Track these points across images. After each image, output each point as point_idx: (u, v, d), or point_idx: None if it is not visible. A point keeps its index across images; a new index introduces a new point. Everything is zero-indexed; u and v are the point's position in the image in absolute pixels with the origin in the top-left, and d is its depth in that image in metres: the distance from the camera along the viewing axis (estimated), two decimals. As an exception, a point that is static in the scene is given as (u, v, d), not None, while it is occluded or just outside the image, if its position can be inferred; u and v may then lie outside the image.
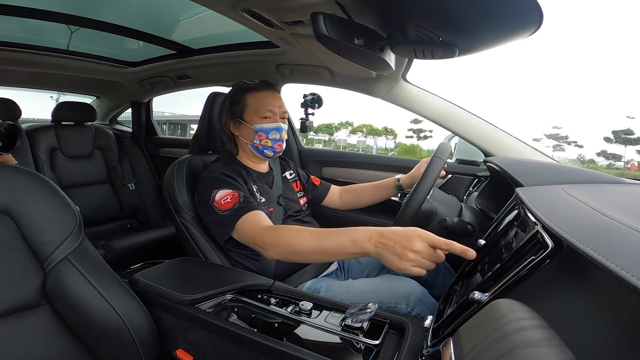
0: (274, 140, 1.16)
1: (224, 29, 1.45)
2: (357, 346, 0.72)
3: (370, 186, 1.40)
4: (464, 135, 1.39)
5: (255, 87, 1.20)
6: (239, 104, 1.18)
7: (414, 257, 0.67)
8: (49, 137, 2.07)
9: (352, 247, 0.76)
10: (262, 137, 1.16)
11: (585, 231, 0.42)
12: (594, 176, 0.90)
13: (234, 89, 1.22)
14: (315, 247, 0.82)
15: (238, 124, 1.19)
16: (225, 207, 1.02)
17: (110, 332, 0.76)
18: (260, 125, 1.15)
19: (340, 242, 0.78)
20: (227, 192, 1.04)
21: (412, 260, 0.67)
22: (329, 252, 0.81)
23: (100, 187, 2.26)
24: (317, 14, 0.75)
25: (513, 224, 0.67)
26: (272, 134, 1.16)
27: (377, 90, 1.48)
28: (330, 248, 0.80)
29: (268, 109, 1.16)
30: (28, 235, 0.74)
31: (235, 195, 1.03)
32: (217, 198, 1.03)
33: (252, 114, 1.16)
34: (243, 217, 0.99)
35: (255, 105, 1.17)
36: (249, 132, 1.17)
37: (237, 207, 1.01)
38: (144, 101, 2.55)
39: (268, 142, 1.16)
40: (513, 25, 0.68)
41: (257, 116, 1.16)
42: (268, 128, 1.16)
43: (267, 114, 1.16)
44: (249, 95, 1.18)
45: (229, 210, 1.01)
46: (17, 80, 2.22)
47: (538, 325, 0.36)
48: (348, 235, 0.77)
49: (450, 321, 0.60)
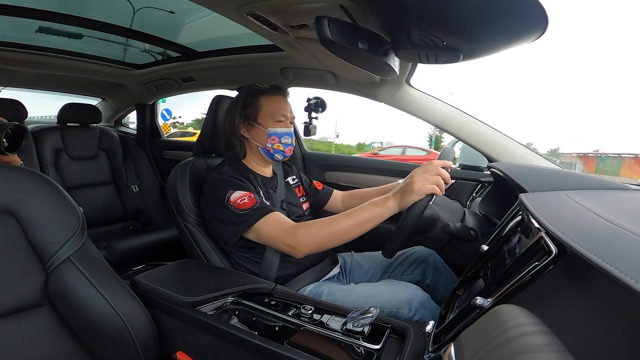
0: (286, 145, 1.17)
1: (229, 32, 1.46)
2: (358, 350, 0.71)
3: (372, 191, 1.40)
4: (468, 141, 1.39)
5: (269, 91, 1.21)
6: (252, 107, 1.18)
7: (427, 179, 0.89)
8: (54, 138, 2.09)
9: (381, 211, 0.96)
10: (274, 140, 1.16)
11: (589, 237, 0.42)
12: (598, 182, 0.89)
13: (246, 92, 1.22)
14: (350, 223, 0.96)
15: (250, 126, 1.19)
16: (244, 206, 1.02)
17: (110, 333, 0.76)
18: (274, 129, 1.16)
19: (370, 211, 0.96)
20: (243, 193, 1.04)
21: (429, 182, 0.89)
22: (363, 222, 0.96)
23: (104, 189, 2.27)
24: (321, 18, 0.75)
25: (516, 230, 0.67)
26: (285, 138, 1.17)
27: (380, 94, 1.48)
28: (363, 219, 0.96)
29: (282, 113, 1.17)
30: (31, 236, 0.74)
31: (252, 197, 1.04)
32: (234, 198, 1.03)
33: (267, 117, 1.17)
34: (264, 218, 1.00)
35: (269, 108, 1.17)
36: (261, 135, 1.17)
37: (257, 208, 1.02)
38: (148, 103, 2.57)
39: (280, 147, 1.17)
40: (518, 29, 0.68)
41: (271, 120, 1.16)
42: (282, 132, 1.16)
43: (281, 118, 1.17)
44: (263, 99, 1.18)
45: (248, 209, 1.01)
46: (23, 82, 2.24)
47: (541, 330, 0.36)
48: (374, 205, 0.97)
49: (452, 326, 0.60)
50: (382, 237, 1.55)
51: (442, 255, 1.23)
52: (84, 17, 1.46)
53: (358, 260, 1.32)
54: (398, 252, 1.24)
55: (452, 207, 1.15)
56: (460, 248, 1.08)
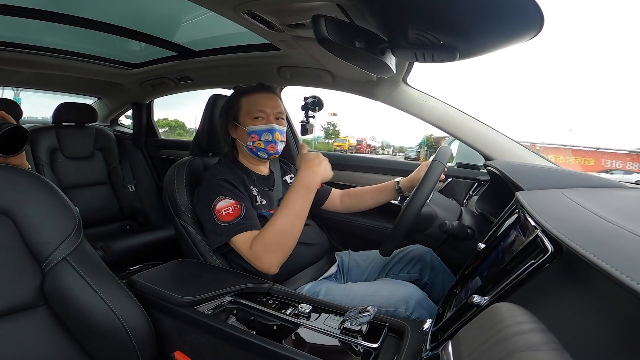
0: (267, 142, 1.16)
1: (225, 31, 1.46)
2: (356, 349, 0.71)
3: (370, 189, 1.40)
4: (464, 139, 1.39)
5: (250, 90, 1.21)
6: (234, 108, 1.19)
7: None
8: (49, 137, 2.07)
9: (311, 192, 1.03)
10: (254, 138, 1.16)
11: (585, 235, 0.42)
12: (594, 180, 0.89)
13: (232, 94, 1.24)
14: (291, 219, 1.00)
15: (235, 127, 1.20)
16: (226, 218, 1.03)
17: (107, 334, 0.76)
18: (252, 126, 1.15)
19: (301, 197, 1.02)
20: (229, 202, 1.05)
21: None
22: (301, 211, 1.02)
23: (100, 189, 2.26)
24: (318, 17, 0.75)
25: (513, 228, 0.67)
26: (265, 135, 1.15)
27: (377, 93, 1.48)
28: (299, 208, 1.01)
29: (259, 109, 1.16)
30: (27, 236, 0.74)
31: (237, 208, 1.04)
32: (219, 207, 1.04)
33: (245, 115, 1.17)
34: (240, 234, 1.02)
35: (247, 107, 1.17)
36: (243, 134, 1.18)
37: (237, 223, 1.02)
38: (144, 103, 2.56)
39: (260, 144, 1.16)
40: (514, 28, 0.68)
41: (249, 117, 1.16)
42: (260, 129, 1.15)
43: (259, 115, 1.16)
44: (243, 98, 1.19)
45: (228, 222, 1.03)
46: (18, 81, 2.22)
47: (537, 328, 0.36)
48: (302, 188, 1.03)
49: (450, 325, 0.60)
50: (380, 236, 1.56)
51: (439, 254, 1.24)
52: (80, 16, 1.45)
53: (355, 259, 1.32)
54: (395, 251, 1.24)
55: (449, 205, 1.15)
56: (457, 246, 1.08)
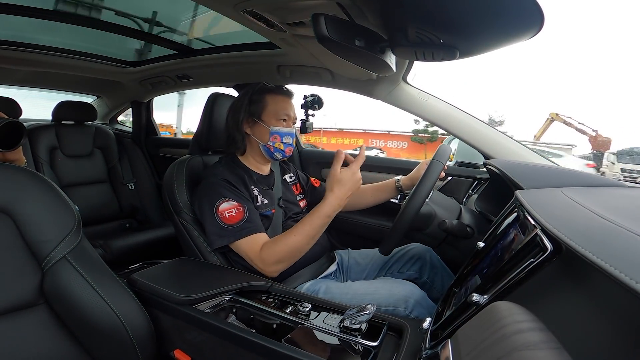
0: (287, 144, 1.18)
1: (225, 29, 1.45)
2: (356, 347, 0.72)
3: (370, 188, 1.40)
4: (464, 138, 1.39)
5: (275, 90, 1.21)
6: (258, 104, 1.18)
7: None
8: (49, 136, 2.07)
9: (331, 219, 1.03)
10: (276, 139, 1.16)
11: (585, 234, 0.42)
12: (594, 179, 0.90)
13: (253, 89, 1.22)
14: (307, 240, 1.02)
15: (253, 123, 1.19)
16: (230, 220, 1.03)
17: (107, 332, 0.76)
18: (277, 127, 1.16)
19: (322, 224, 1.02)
20: (232, 204, 1.05)
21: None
22: (317, 235, 1.03)
23: (100, 187, 2.25)
24: (318, 15, 0.75)
25: (512, 227, 0.67)
26: (286, 138, 1.17)
27: (377, 92, 1.48)
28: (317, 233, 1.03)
29: (286, 112, 1.18)
30: (26, 234, 0.74)
31: (240, 210, 1.05)
32: (222, 208, 1.04)
33: (271, 115, 1.17)
34: (245, 238, 1.03)
35: (274, 107, 1.18)
36: (263, 133, 1.17)
37: (242, 226, 1.03)
38: (144, 101, 2.55)
39: (281, 145, 1.17)
40: (514, 27, 0.68)
41: (275, 118, 1.17)
42: (284, 132, 1.17)
43: (285, 117, 1.18)
44: (269, 97, 1.19)
45: (233, 225, 1.03)
46: (17, 80, 2.21)
47: (536, 327, 0.36)
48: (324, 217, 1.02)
49: (449, 323, 0.60)
50: (379, 234, 1.56)
51: (439, 252, 1.24)
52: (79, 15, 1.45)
53: (355, 258, 1.32)
54: (395, 249, 1.24)
55: (449, 204, 1.15)
56: (457, 245, 1.09)
